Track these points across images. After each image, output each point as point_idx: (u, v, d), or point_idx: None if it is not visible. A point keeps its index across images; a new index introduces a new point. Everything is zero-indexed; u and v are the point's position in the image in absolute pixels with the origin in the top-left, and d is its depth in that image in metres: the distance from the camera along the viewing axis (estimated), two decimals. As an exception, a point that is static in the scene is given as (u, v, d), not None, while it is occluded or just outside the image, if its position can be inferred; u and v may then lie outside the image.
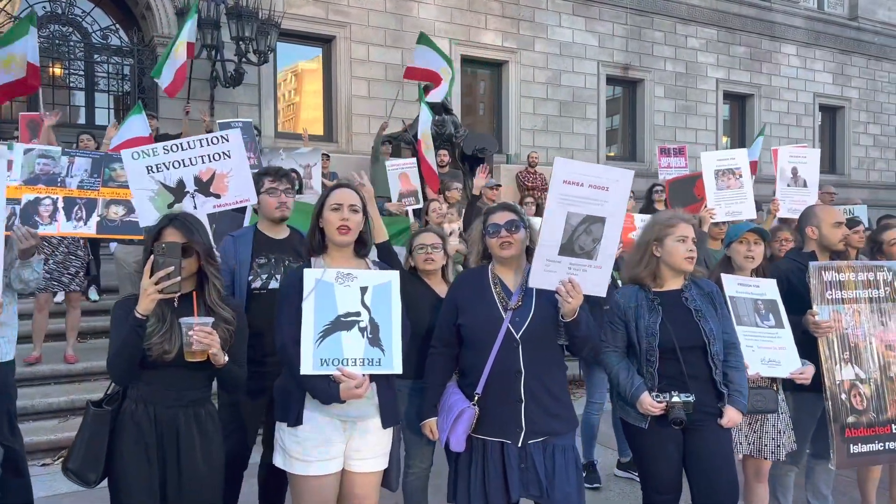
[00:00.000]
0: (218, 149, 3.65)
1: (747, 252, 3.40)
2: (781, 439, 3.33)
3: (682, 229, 3.00)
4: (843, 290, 3.35)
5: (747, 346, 3.16)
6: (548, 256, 2.63)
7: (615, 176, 2.70)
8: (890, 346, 3.37)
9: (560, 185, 2.64)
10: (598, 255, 2.68)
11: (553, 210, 2.64)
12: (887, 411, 3.32)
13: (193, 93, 12.25)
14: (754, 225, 3.51)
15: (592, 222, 2.66)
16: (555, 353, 2.76)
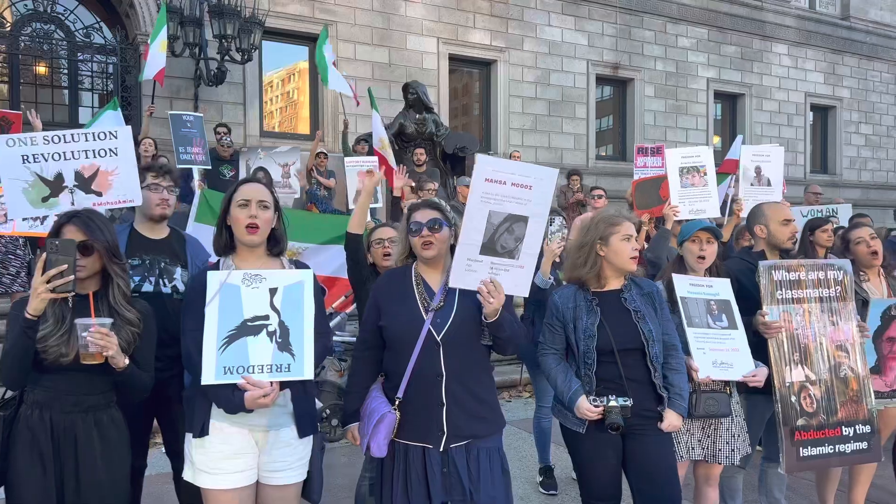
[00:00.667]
0: (105, 144, 3.45)
1: (699, 251, 3.32)
2: (736, 443, 3.26)
3: (627, 228, 2.94)
4: (793, 290, 3.28)
5: (698, 348, 3.09)
6: (469, 256, 2.57)
7: (539, 174, 2.64)
8: (841, 347, 3.30)
9: (482, 183, 2.57)
10: (521, 255, 2.63)
11: (474, 209, 2.57)
12: (838, 413, 3.25)
13: (177, 91, 12.21)
14: (707, 223, 3.44)
15: (515, 221, 2.61)
16: (478, 354, 2.70)
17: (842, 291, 3.36)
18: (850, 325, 3.35)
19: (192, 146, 7.19)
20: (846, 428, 3.28)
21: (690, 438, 3.23)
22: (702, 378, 3.03)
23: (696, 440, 3.24)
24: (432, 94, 14.65)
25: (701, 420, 3.20)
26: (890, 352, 3.56)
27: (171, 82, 12.12)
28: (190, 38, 11.01)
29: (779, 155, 5.51)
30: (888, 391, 3.58)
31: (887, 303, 3.59)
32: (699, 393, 3.11)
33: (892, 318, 3.59)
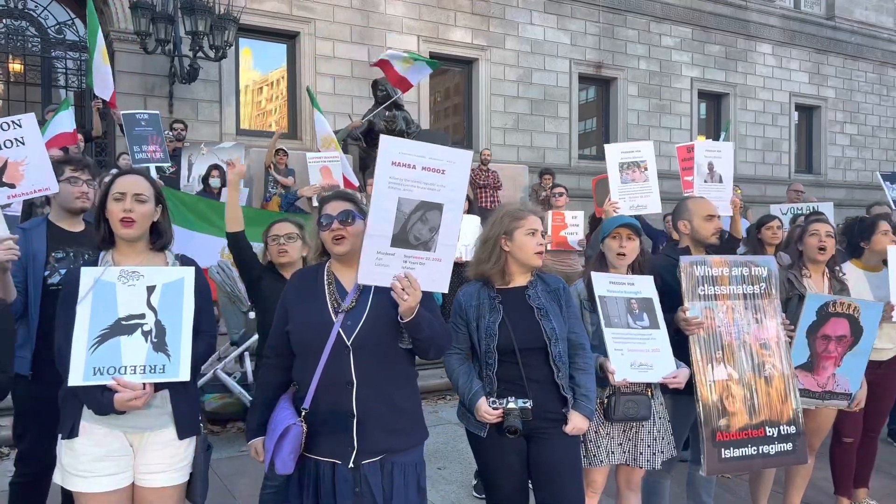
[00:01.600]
0: (9, 135, 3.33)
1: (619, 248, 3.20)
2: (658, 446, 3.15)
3: (532, 222, 2.82)
4: (716, 286, 3.18)
5: (616, 349, 2.96)
6: (379, 249, 2.34)
7: (451, 157, 2.42)
8: (765, 345, 3.19)
9: (388, 167, 2.33)
10: (437, 247, 2.39)
11: (382, 196, 2.33)
12: (761, 413, 3.15)
13: (151, 89, 12.12)
14: (627, 219, 3.32)
15: (428, 209, 2.37)
16: (397, 359, 2.47)
17: (766, 288, 3.27)
18: (775, 323, 3.24)
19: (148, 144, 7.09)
20: (770, 428, 3.17)
21: (610, 442, 3.12)
22: (618, 381, 2.92)
23: (616, 444, 3.13)
24: (411, 92, 14.60)
25: (622, 423, 3.11)
26: (824, 350, 3.46)
27: (145, 80, 12.06)
28: (162, 35, 10.89)
29: (729, 151, 5.42)
30: (820, 391, 3.48)
31: (824, 298, 3.48)
32: (618, 395, 3.01)
33: (829, 315, 3.47)
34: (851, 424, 3.94)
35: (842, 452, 4.02)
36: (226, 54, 11.63)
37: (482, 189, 10.23)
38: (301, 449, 2.38)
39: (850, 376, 3.54)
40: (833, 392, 3.53)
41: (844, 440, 3.98)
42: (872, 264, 4.01)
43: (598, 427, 3.10)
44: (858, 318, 3.45)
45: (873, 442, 4.14)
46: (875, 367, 3.92)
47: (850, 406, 3.60)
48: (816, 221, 3.82)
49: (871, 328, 3.51)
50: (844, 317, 3.44)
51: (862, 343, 3.51)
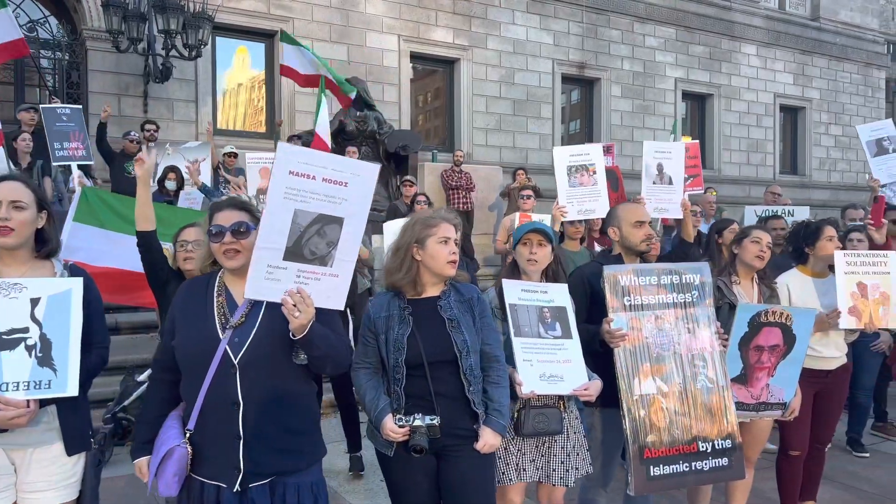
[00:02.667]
0: None
1: (530, 254, 3.08)
2: (571, 462, 3.03)
3: (444, 230, 2.69)
4: (644, 295, 3.04)
5: (525, 360, 2.82)
6: (270, 262, 2.20)
7: (355, 169, 2.32)
8: (699, 356, 3.07)
9: (285, 177, 2.19)
10: (335, 262, 2.28)
11: (276, 206, 2.20)
12: (694, 428, 3.01)
13: (125, 88, 11.99)
14: (538, 224, 3.20)
15: (327, 223, 2.25)
16: (290, 375, 2.34)
17: (699, 296, 3.14)
18: (709, 333, 3.11)
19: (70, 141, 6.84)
20: (703, 443, 3.03)
21: (521, 459, 2.98)
22: (525, 394, 2.80)
23: (528, 460, 2.99)
24: (392, 92, 14.52)
25: (535, 438, 2.96)
26: (758, 361, 3.33)
27: (119, 79, 11.92)
28: (134, 34, 10.76)
29: (679, 152, 5.31)
30: (754, 403, 3.37)
31: (755, 308, 3.35)
32: (528, 409, 2.87)
33: (761, 325, 3.27)
34: (798, 437, 3.84)
35: (788, 465, 3.92)
36: (200, 53, 11.50)
37: (454, 190, 10.12)
38: (187, 470, 2.27)
39: (784, 385, 3.43)
40: (767, 403, 3.42)
41: (791, 453, 3.88)
42: (819, 270, 3.91)
43: (507, 443, 2.97)
44: (791, 325, 3.33)
45: (821, 454, 4.04)
46: (822, 376, 3.84)
47: (785, 415, 3.50)
48: (760, 228, 3.72)
49: (803, 336, 3.40)
50: (777, 326, 3.32)
51: (795, 351, 3.40)
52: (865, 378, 5.32)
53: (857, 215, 6.76)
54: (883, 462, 5.17)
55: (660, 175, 5.09)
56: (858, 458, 5.25)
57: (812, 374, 3.81)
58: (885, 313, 3.75)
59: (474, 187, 10.35)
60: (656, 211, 5.06)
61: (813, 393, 3.85)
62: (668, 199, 5.08)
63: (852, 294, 3.70)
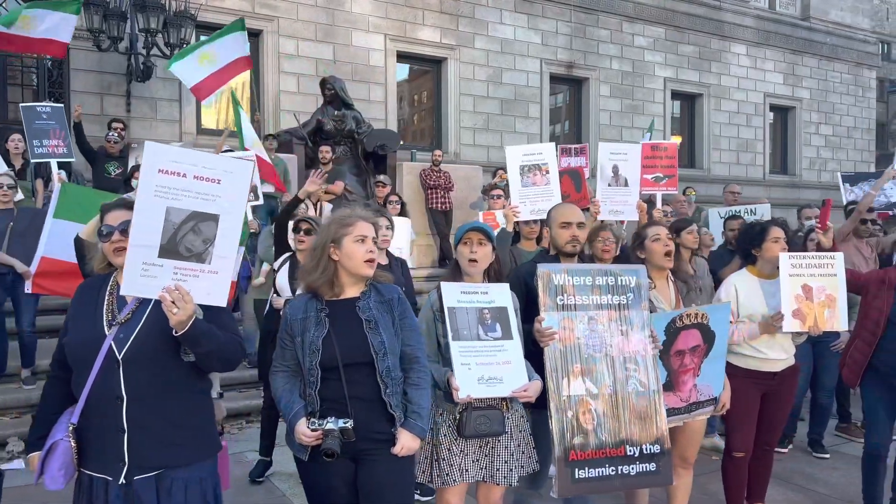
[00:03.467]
0: None
1: (470, 254, 3.04)
2: (515, 462, 2.99)
3: (361, 228, 2.67)
4: (578, 296, 3.02)
5: (463, 364, 2.80)
6: (145, 259, 2.24)
7: (228, 166, 2.34)
8: (631, 359, 3.04)
9: (154, 175, 2.23)
10: (213, 259, 2.32)
11: (147, 204, 2.23)
12: (622, 431, 2.99)
13: (108, 87, 11.97)
14: (477, 223, 3.18)
15: (202, 220, 2.29)
16: (177, 371, 2.35)
17: (635, 299, 3.11)
18: (642, 336, 3.09)
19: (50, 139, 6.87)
20: (631, 447, 2.99)
21: (464, 459, 2.95)
22: (462, 398, 2.77)
23: (470, 461, 2.96)
24: (379, 92, 14.50)
25: (478, 439, 2.92)
26: (681, 365, 3.32)
27: (102, 78, 11.91)
28: (114, 33, 10.74)
29: (635, 154, 5.28)
30: (685, 405, 3.36)
31: (669, 315, 3.29)
32: (469, 411, 2.84)
33: (678, 331, 3.27)
34: (741, 438, 3.81)
35: (733, 467, 3.89)
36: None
37: (433, 190, 10.08)
38: (74, 464, 2.32)
39: (711, 381, 3.44)
40: (698, 402, 3.42)
41: (735, 454, 3.85)
42: (767, 272, 3.85)
43: (451, 444, 2.96)
44: (708, 323, 3.33)
45: (768, 455, 4.00)
46: (769, 378, 3.82)
47: (717, 410, 3.51)
48: (653, 225, 3.68)
49: (722, 330, 3.41)
50: (694, 327, 3.31)
51: (716, 347, 3.41)
52: (826, 379, 5.30)
53: (812, 214, 6.77)
54: (842, 463, 5.15)
55: (615, 177, 5.07)
56: (818, 459, 5.23)
57: (758, 375, 3.79)
58: (831, 316, 3.70)
59: (453, 187, 10.32)
60: (611, 213, 5.05)
61: (759, 395, 3.83)
62: (624, 201, 5.06)
63: (797, 296, 3.66)
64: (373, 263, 2.66)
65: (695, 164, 18.33)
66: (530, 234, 4.78)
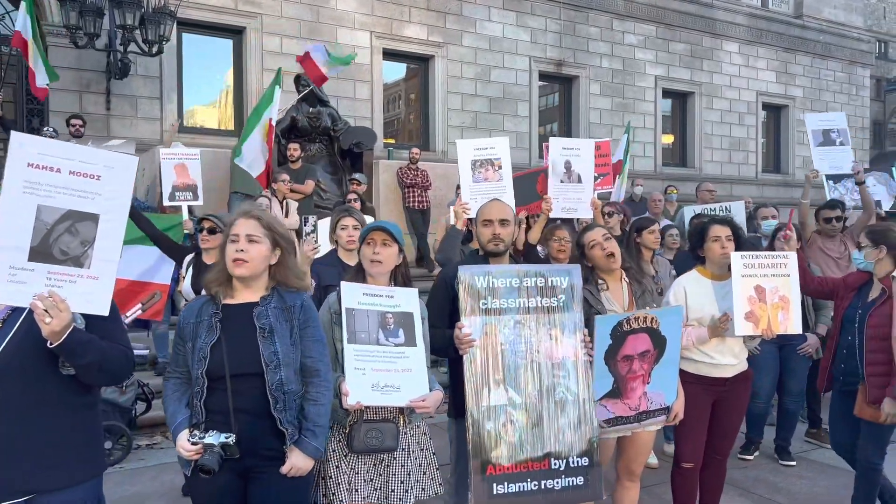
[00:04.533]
0: None
1: (373, 254, 2.87)
2: (412, 481, 2.78)
3: (234, 227, 2.49)
4: (503, 299, 2.86)
5: (357, 368, 2.61)
6: (12, 263, 2.05)
7: (109, 161, 2.17)
8: (560, 365, 2.88)
9: (23, 169, 2.05)
10: (93, 263, 2.14)
11: (14, 202, 2.04)
12: (547, 443, 2.82)
13: (87, 85, 11.83)
14: (381, 223, 3.01)
15: (79, 220, 2.11)
16: (55, 385, 2.17)
17: (566, 301, 2.95)
18: (574, 340, 2.93)
19: None
20: (556, 460, 2.84)
21: (355, 478, 2.73)
22: (350, 405, 2.59)
23: (362, 479, 2.73)
24: (364, 90, 14.34)
25: (372, 455, 2.73)
26: (629, 371, 3.12)
27: (81, 75, 11.76)
28: (91, 29, 10.60)
29: (589, 149, 5.10)
30: (634, 414, 3.19)
31: (615, 318, 3.04)
32: (360, 423, 2.66)
33: (625, 335, 3.02)
34: (689, 448, 3.65)
35: (681, 478, 3.71)
36: (162, 49, 11.32)
37: (410, 188, 9.91)
38: None
39: (663, 389, 3.24)
40: (649, 411, 3.22)
41: (683, 465, 3.68)
42: (718, 273, 3.67)
43: (340, 460, 2.76)
44: (658, 328, 3.12)
45: (721, 465, 3.83)
46: (720, 384, 3.65)
47: (669, 420, 3.32)
48: (587, 231, 3.49)
49: (673, 336, 3.19)
50: (643, 331, 3.10)
51: (668, 353, 3.18)
52: (793, 383, 5.14)
53: (769, 213, 6.62)
54: (808, 471, 4.99)
55: (568, 173, 4.91)
56: (784, 466, 5.07)
57: (709, 381, 3.63)
58: (785, 318, 3.49)
59: (431, 185, 10.16)
60: (564, 210, 4.89)
61: (710, 402, 3.66)
62: (577, 197, 4.90)
63: (749, 298, 3.46)
64: (239, 264, 2.46)
65: (686, 162, 18.17)
66: (483, 233, 4.62)
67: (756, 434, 5.24)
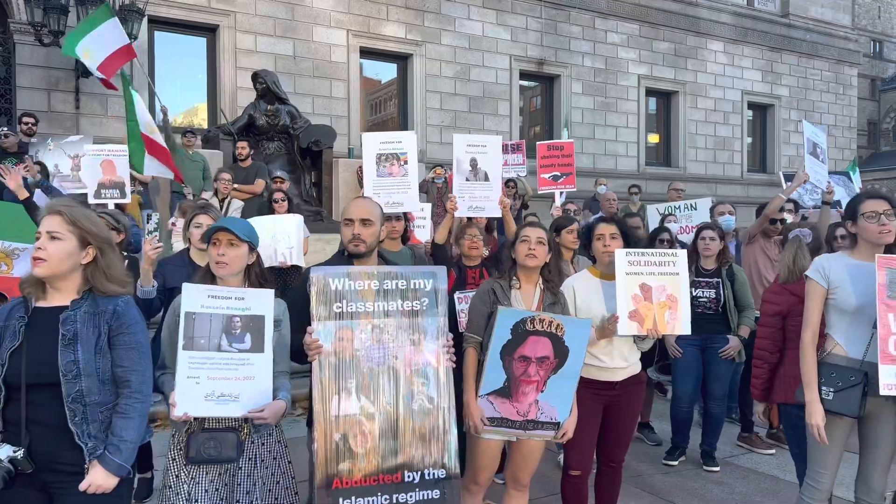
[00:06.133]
0: None
1: (218, 256, 2.72)
2: (259, 493, 2.67)
3: (42, 223, 2.36)
4: (358, 302, 2.75)
5: (190, 377, 2.48)
6: None
7: None
8: (420, 372, 2.78)
9: None
10: None
11: None
12: (401, 454, 2.71)
13: (55, 83, 11.78)
14: (226, 221, 2.87)
15: None
16: None
17: (430, 305, 2.83)
18: (437, 346, 2.81)
19: None
20: (411, 473, 2.67)
21: (195, 488, 2.62)
22: (177, 416, 2.47)
23: (202, 490, 2.62)
24: (341, 88, 14.26)
25: (217, 465, 2.60)
26: (524, 374, 3.01)
27: (49, 73, 11.72)
28: (56, 27, 10.55)
29: (496, 145, 4.98)
30: (521, 420, 3.07)
31: (520, 314, 2.96)
32: (197, 432, 2.55)
33: (527, 333, 2.94)
34: (578, 456, 3.54)
35: (570, 487, 3.60)
36: (130, 47, 11.26)
37: (368, 187, 9.80)
38: None
39: (557, 403, 3.12)
40: (537, 421, 3.11)
41: (571, 473, 3.58)
42: (608, 272, 3.52)
43: (179, 470, 2.65)
44: (562, 336, 3.02)
45: (616, 472, 3.72)
46: (610, 388, 3.54)
47: (556, 437, 3.21)
48: (528, 226, 3.40)
49: (577, 348, 3.07)
50: (546, 335, 3.00)
51: (568, 365, 3.07)
52: (716, 387, 5.03)
53: (726, 209, 6.51)
54: (730, 477, 4.88)
55: (474, 171, 4.79)
56: (707, 472, 4.96)
57: (598, 385, 3.52)
58: (672, 318, 3.35)
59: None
60: (471, 209, 4.78)
61: (601, 407, 3.56)
62: (484, 196, 4.78)
63: (634, 297, 3.32)
64: (37, 263, 2.33)
65: (670, 162, 18.05)
66: (392, 232, 4.53)
67: (681, 439, 5.14)
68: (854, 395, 3.06)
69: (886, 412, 3.18)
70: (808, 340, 3.23)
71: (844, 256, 3.29)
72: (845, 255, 3.30)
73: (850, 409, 3.09)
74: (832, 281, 3.21)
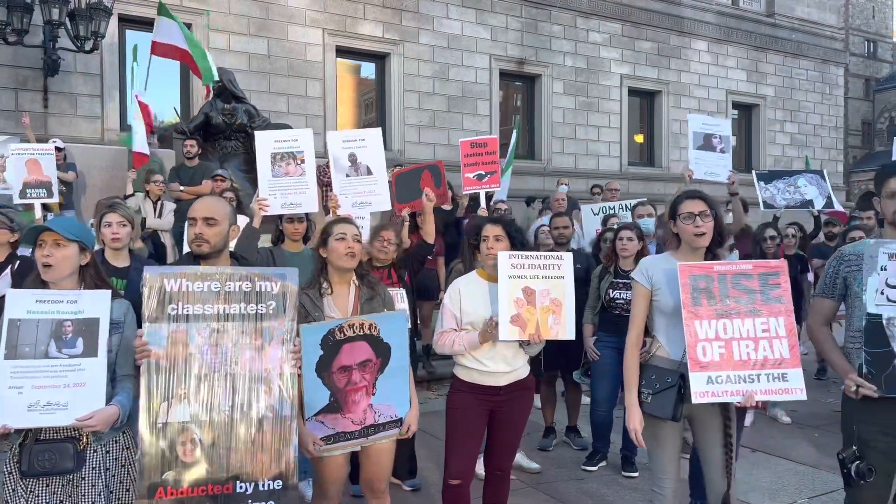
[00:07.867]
0: None
1: (43, 258, 2.64)
2: (103, 502, 2.59)
3: None
4: (195, 304, 2.65)
5: (12, 387, 2.42)
6: None
7: None
8: (261, 378, 2.68)
9: None
10: None
11: None
12: (234, 464, 2.60)
13: (23, 82, 11.72)
14: (52, 221, 2.80)
15: None
16: None
17: (277, 308, 2.74)
18: (282, 351, 2.72)
19: None
20: (243, 483, 2.58)
21: (33, 501, 2.54)
22: None
23: (36, 497, 2.54)
24: (316, 88, 14.18)
25: (60, 476, 2.53)
26: (348, 383, 2.93)
27: (17, 72, 11.66)
28: (19, 25, 10.48)
29: (375, 138, 4.86)
30: (360, 429, 2.98)
31: (324, 328, 2.87)
32: (30, 444, 2.49)
33: (339, 344, 2.88)
34: (455, 464, 3.42)
35: (451, 496, 3.48)
36: (97, 46, 11.22)
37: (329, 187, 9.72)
38: None
39: (392, 401, 3.06)
40: (377, 425, 3.04)
41: (451, 482, 3.47)
42: (495, 274, 3.34)
43: (16, 483, 2.55)
44: (378, 334, 2.94)
45: (503, 481, 3.61)
46: (493, 393, 3.44)
47: (402, 433, 3.14)
48: (343, 222, 3.29)
49: (398, 343, 3.01)
50: (361, 339, 2.92)
51: (393, 361, 3.01)
52: (599, 391, 4.93)
53: (646, 211, 6.41)
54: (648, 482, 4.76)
55: (354, 166, 4.69)
56: (625, 478, 4.86)
57: (481, 390, 3.42)
58: (556, 322, 3.27)
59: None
60: (357, 206, 4.67)
61: (485, 413, 3.46)
62: (370, 191, 4.68)
63: (516, 301, 3.24)
64: None
65: (654, 162, 17.92)
66: (294, 233, 4.44)
67: (601, 444, 5.04)
68: (669, 397, 2.99)
69: (709, 414, 3.12)
70: (631, 342, 3.19)
71: (668, 258, 3.22)
72: (669, 255, 3.23)
73: (665, 411, 3.03)
74: (654, 282, 3.16)
